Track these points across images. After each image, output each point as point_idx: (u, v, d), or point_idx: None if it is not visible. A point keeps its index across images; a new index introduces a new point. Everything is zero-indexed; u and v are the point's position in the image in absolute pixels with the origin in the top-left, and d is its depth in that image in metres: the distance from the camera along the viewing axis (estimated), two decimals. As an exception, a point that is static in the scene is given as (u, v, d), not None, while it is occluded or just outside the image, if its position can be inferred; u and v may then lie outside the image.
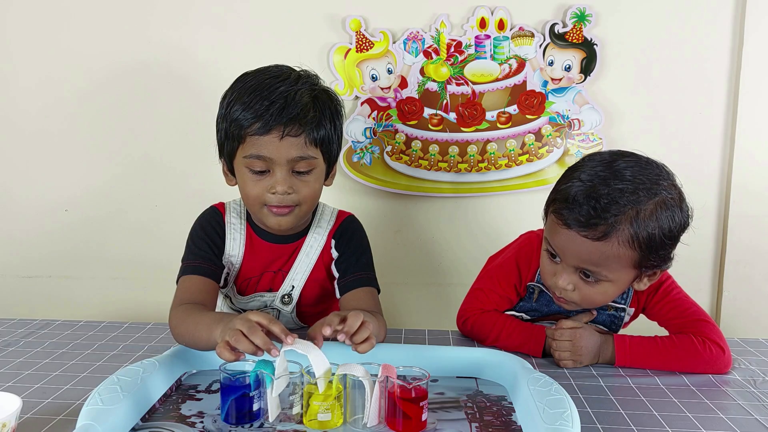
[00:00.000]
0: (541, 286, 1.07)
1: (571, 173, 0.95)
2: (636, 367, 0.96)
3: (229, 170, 1.05)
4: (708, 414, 0.80)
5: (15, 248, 1.61)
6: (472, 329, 1.08)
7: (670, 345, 0.96)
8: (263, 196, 1.00)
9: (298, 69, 1.04)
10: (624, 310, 1.04)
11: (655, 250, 0.90)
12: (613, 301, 1.03)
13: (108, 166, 1.56)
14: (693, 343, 0.95)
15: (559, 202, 0.93)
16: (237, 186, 1.07)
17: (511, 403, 0.82)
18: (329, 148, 1.03)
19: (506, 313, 1.09)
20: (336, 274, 1.09)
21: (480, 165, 1.49)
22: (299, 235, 1.11)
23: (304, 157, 0.99)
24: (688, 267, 1.52)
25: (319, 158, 1.02)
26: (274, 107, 0.96)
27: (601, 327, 1.04)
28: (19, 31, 1.51)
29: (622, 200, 0.87)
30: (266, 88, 0.98)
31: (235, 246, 1.08)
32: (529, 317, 1.09)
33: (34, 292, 1.62)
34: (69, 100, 1.53)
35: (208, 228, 1.09)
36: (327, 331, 0.81)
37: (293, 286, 1.10)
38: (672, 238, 0.91)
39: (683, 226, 0.92)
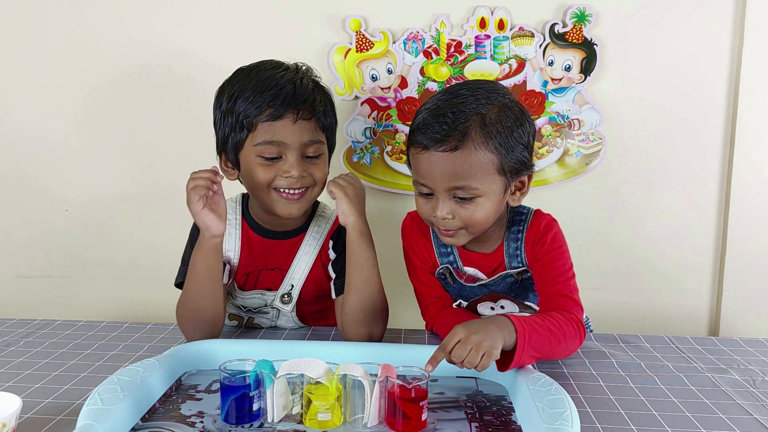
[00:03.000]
0: (448, 266, 1.08)
1: (417, 110, 1.00)
2: (531, 342, 0.85)
3: (233, 163, 1.05)
4: (708, 414, 0.80)
5: (15, 248, 1.61)
6: (439, 335, 1.09)
7: (551, 322, 0.91)
8: (273, 181, 1.01)
9: (291, 63, 1.06)
10: (527, 271, 1.05)
11: (511, 150, 0.95)
12: (512, 258, 1.05)
13: (108, 166, 1.56)
14: (567, 324, 0.93)
15: (414, 134, 0.98)
16: (237, 181, 1.08)
17: (510, 402, 0.82)
18: (332, 136, 1.07)
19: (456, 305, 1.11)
20: (332, 275, 1.09)
21: (480, 165, 1.49)
22: (296, 232, 1.11)
23: (315, 141, 1.02)
24: (688, 267, 1.53)
25: (326, 144, 1.04)
26: (283, 93, 0.98)
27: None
28: (18, 31, 1.51)
29: (466, 109, 0.94)
30: (270, 78, 1.00)
31: (231, 241, 1.09)
32: (467, 302, 1.10)
33: (34, 292, 1.61)
34: (69, 99, 1.53)
35: None
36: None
37: (292, 285, 1.10)
38: (522, 138, 0.96)
39: (531, 130, 0.99)
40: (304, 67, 1.06)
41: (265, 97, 0.98)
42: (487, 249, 1.07)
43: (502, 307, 1.07)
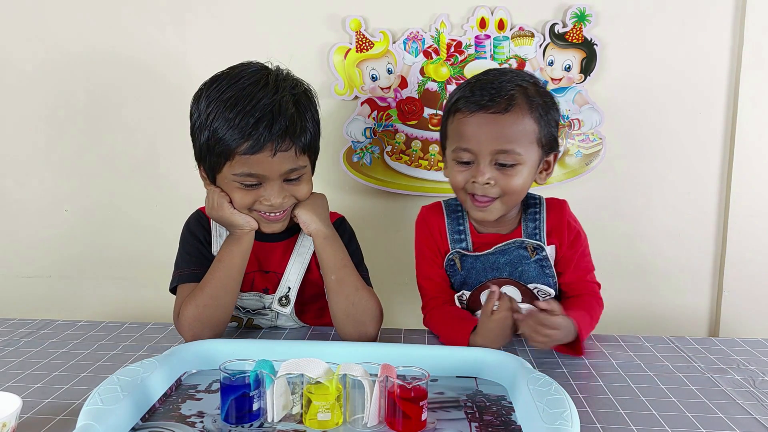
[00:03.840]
0: (460, 251, 1.10)
1: (455, 90, 1.08)
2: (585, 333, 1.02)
3: (210, 179, 1.04)
4: (708, 414, 0.80)
5: (15, 248, 1.61)
6: (431, 330, 1.11)
7: (593, 313, 1.06)
8: (253, 204, 1.01)
9: (270, 66, 1.02)
10: (543, 249, 1.08)
11: (547, 124, 1.03)
12: (531, 238, 1.09)
13: (108, 166, 1.56)
14: (597, 306, 1.09)
15: (458, 103, 1.04)
16: None
17: (510, 402, 0.82)
18: (314, 148, 1.05)
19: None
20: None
21: (480, 165, 1.49)
22: (287, 235, 1.11)
23: (295, 168, 1.00)
24: (688, 267, 1.53)
25: (307, 164, 1.03)
26: (262, 124, 0.94)
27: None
28: (12, 29, 1.51)
29: (508, 81, 1.02)
30: (248, 101, 0.95)
31: (221, 242, 1.09)
32: (470, 291, 1.10)
33: (34, 292, 1.61)
34: (68, 98, 1.53)
35: (196, 231, 1.11)
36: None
37: (289, 288, 1.10)
38: (554, 116, 1.05)
39: (558, 111, 1.08)
40: (283, 78, 1.00)
41: (242, 127, 0.94)
42: (504, 230, 1.11)
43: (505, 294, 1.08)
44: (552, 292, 1.09)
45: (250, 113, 0.94)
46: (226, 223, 1.03)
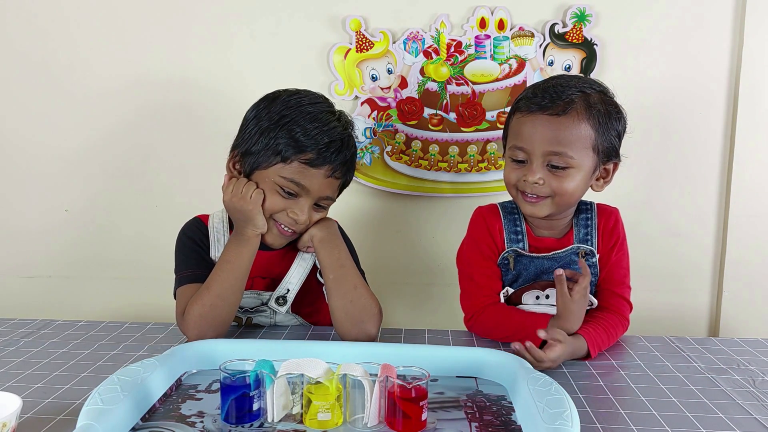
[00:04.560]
0: (516, 249, 1.10)
1: (522, 93, 1.09)
2: (597, 349, 1.01)
3: (245, 172, 1.05)
4: (708, 414, 0.80)
5: (15, 248, 1.61)
6: (479, 329, 1.11)
7: (611, 330, 1.04)
8: (277, 214, 1.04)
9: (337, 111, 1.07)
10: (594, 254, 1.09)
11: (606, 132, 1.02)
12: (584, 243, 1.09)
13: (108, 166, 1.56)
14: (619, 325, 1.07)
15: (519, 102, 1.06)
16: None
17: (510, 402, 0.82)
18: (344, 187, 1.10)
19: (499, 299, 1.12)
20: (323, 281, 1.10)
21: (480, 165, 1.49)
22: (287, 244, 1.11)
23: (331, 198, 1.06)
24: (689, 267, 1.53)
25: (335, 199, 1.08)
26: (334, 146, 1.01)
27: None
28: (20, 34, 1.51)
29: (572, 87, 1.02)
30: (325, 122, 1.02)
31: (219, 248, 1.09)
32: (513, 290, 1.10)
33: (34, 292, 1.61)
34: (68, 100, 1.53)
35: (194, 236, 1.12)
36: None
37: (288, 290, 1.11)
38: (616, 126, 1.04)
39: (623, 125, 1.06)
40: (345, 118, 1.07)
41: (317, 140, 1.00)
42: (558, 234, 1.11)
43: (547, 297, 1.08)
44: (594, 301, 1.09)
45: (326, 132, 1.01)
46: (247, 217, 1.03)
